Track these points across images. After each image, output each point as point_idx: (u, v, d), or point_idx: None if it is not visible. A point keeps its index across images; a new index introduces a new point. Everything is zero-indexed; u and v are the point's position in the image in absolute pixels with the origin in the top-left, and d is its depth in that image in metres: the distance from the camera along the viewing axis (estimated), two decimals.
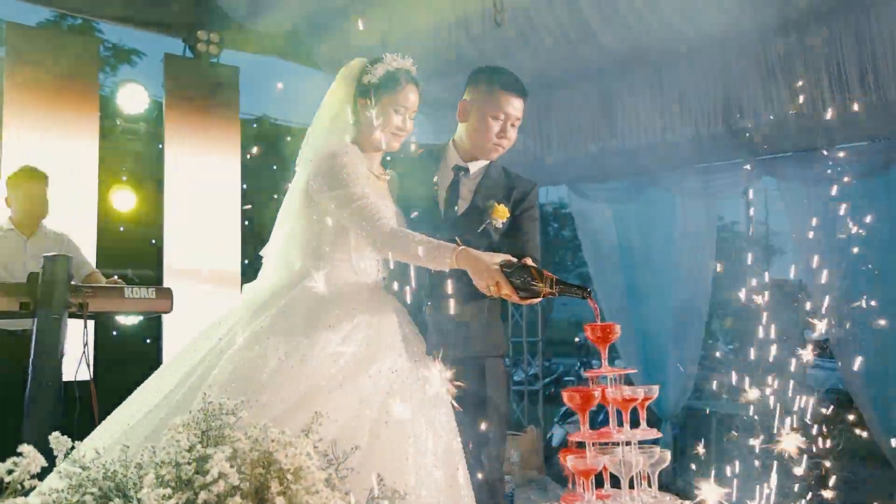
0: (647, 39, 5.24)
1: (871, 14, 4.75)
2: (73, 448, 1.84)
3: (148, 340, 6.08)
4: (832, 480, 3.99)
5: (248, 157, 6.59)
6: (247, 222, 6.33)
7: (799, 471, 3.15)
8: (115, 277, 4.15)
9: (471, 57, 5.35)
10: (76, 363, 3.34)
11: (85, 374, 3.37)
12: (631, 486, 1.97)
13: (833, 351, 6.02)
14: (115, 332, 6.01)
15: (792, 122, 5.34)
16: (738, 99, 5.44)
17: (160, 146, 5.92)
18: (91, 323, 3.47)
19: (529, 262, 2.19)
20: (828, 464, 4.07)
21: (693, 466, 4.78)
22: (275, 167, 7.42)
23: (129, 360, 5.96)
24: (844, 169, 5.54)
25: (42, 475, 1.77)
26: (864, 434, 5.35)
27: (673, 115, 5.79)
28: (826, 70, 5.02)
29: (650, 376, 6.88)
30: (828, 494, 3.89)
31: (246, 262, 6.22)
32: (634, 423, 2.04)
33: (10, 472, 1.67)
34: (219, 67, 6.20)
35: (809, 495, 3.44)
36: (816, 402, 3.92)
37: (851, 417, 5.32)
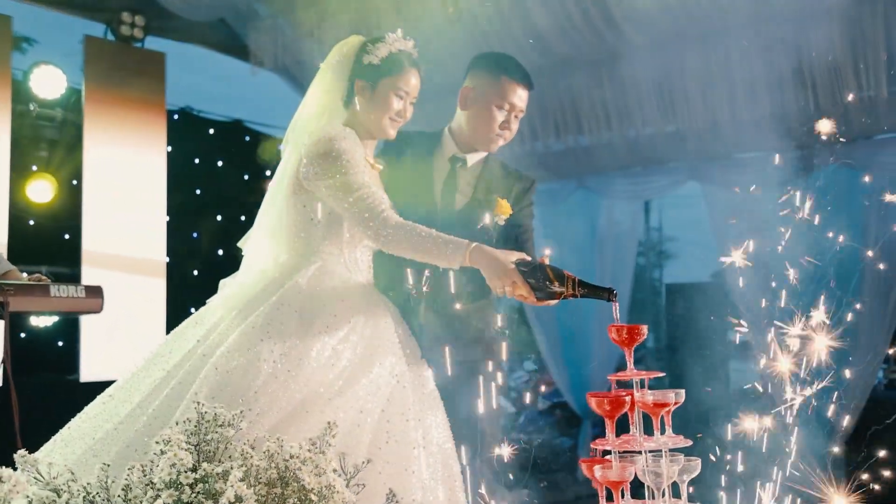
0: (593, 38, 5.21)
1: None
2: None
3: (61, 343, 5.64)
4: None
5: (170, 149, 6.23)
6: (169, 218, 5.97)
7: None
8: (36, 275, 3.81)
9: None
10: None
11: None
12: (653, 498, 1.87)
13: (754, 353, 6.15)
14: (23, 335, 5.56)
15: (725, 126, 5.44)
16: (682, 99, 5.48)
17: (79, 134, 5.48)
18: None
19: (547, 261, 2.06)
20: None
21: None
22: (197, 161, 7.06)
23: (43, 364, 5.54)
24: (767, 174, 5.66)
25: None
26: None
27: (611, 115, 5.79)
28: (759, 76, 5.13)
29: (575, 378, 6.92)
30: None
31: (168, 259, 5.87)
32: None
33: None
34: (143, 53, 5.82)
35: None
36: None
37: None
